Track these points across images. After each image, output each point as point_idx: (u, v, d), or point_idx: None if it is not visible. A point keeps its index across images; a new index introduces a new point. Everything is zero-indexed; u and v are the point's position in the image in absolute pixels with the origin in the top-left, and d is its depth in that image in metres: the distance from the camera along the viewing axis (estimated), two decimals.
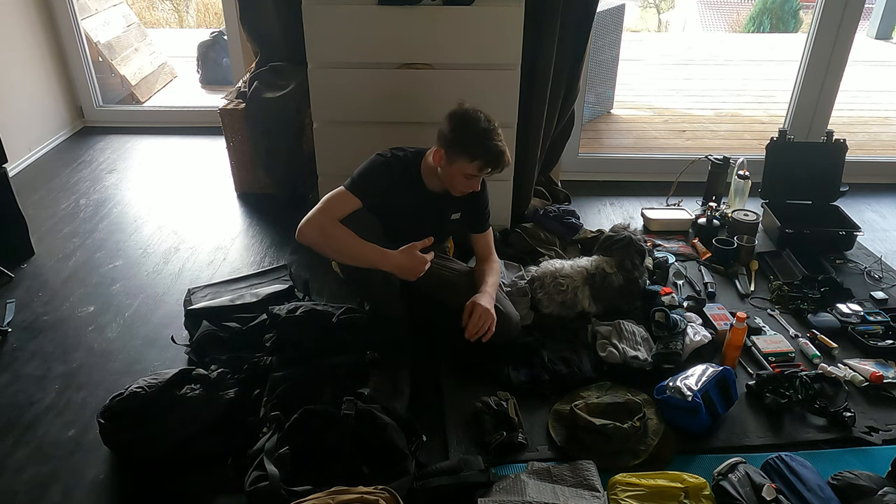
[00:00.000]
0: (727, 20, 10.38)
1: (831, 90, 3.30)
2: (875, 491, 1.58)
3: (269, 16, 2.99)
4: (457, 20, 2.41)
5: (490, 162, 1.92)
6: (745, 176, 2.99)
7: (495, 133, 1.92)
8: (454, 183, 1.98)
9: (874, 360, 2.11)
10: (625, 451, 1.74)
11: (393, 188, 1.99)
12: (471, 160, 1.91)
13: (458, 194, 2.03)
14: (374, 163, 2.00)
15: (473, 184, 1.98)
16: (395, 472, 1.57)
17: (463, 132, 1.91)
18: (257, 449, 1.59)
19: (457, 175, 1.95)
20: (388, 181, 1.98)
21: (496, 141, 1.91)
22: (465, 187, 1.99)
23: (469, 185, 1.98)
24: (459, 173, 1.94)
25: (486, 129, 1.92)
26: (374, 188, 1.96)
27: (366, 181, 1.96)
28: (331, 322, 1.97)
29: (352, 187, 1.95)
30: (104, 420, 1.73)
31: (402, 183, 2.01)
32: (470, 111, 1.95)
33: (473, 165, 1.91)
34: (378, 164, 1.99)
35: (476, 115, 1.94)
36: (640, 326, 2.19)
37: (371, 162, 2.01)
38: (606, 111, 4.61)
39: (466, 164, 1.92)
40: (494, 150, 1.90)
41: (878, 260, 2.71)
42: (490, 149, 1.90)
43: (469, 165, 1.91)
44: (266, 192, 3.20)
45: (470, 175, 1.94)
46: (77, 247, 2.76)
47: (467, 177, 1.95)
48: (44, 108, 3.72)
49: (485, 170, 1.93)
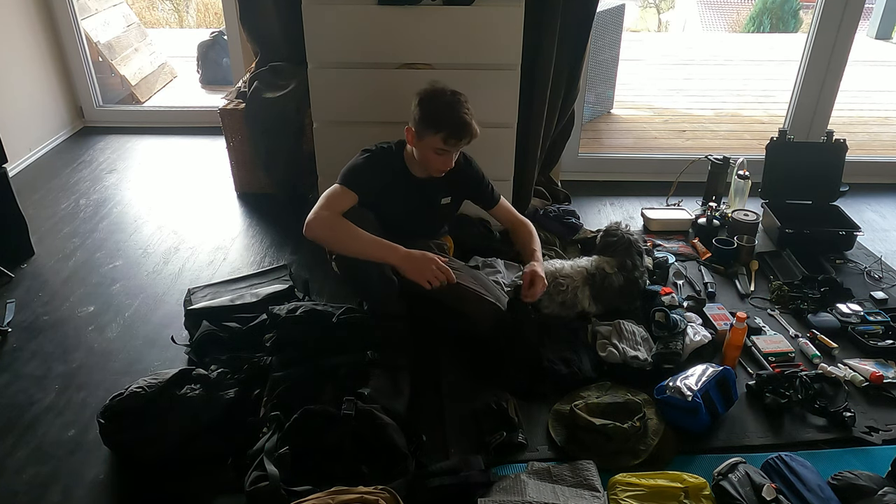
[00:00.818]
0: (727, 20, 10.38)
1: (831, 90, 3.30)
2: (875, 491, 1.58)
3: (269, 16, 2.99)
4: (457, 20, 2.41)
5: (454, 132, 1.93)
6: (745, 176, 2.99)
7: (460, 104, 1.95)
8: (428, 161, 2.01)
9: (874, 360, 2.11)
10: (625, 451, 1.74)
11: (381, 179, 2.04)
12: (436, 132, 1.94)
13: (437, 174, 2.05)
14: (360, 157, 2.06)
15: (447, 159, 2.00)
16: (395, 472, 1.57)
17: (428, 106, 1.95)
18: (257, 449, 1.59)
19: (428, 151, 1.98)
20: (375, 172, 2.03)
21: (461, 112, 1.94)
22: (440, 164, 2.01)
23: (443, 161, 2.00)
24: (430, 149, 1.97)
25: (450, 102, 1.95)
26: (365, 180, 2.01)
27: (356, 174, 2.01)
28: (331, 322, 1.97)
29: (344, 182, 2.00)
30: (104, 420, 1.73)
31: (388, 173, 2.06)
32: (436, 87, 1.99)
33: (439, 138, 1.94)
34: (364, 158, 2.05)
35: (441, 90, 1.97)
36: (640, 326, 2.19)
37: (357, 156, 2.07)
38: (606, 111, 4.61)
39: (433, 138, 1.95)
40: (458, 120, 1.93)
41: (878, 260, 2.71)
42: (453, 119, 1.93)
43: (435, 138, 1.94)
44: (266, 192, 3.20)
45: (440, 150, 1.96)
46: (77, 247, 2.76)
47: (437, 152, 1.97)
48: (44, 108, 3.72)
49: (451, 141, 1.94)
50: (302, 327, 1.95)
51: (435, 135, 1.94)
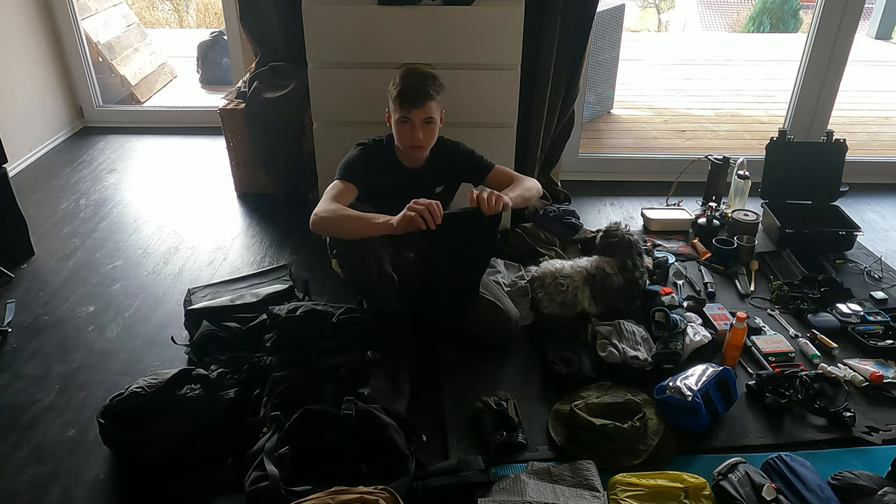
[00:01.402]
0: (727, 20, 10.38)
1: (831, 90, 3.30)
2: (875, 491, 1.58)
3: (269, 16, 2.99)
4: (457, 20, 2.42)
5: (405, 95, 1.96)
6: (745, 176, 2.99)
7: (420, 74, 2.00)
8: (398, 134, 2.04)
9: (874, 360, 2.11)
10: (625, 451, 1.74)
11: (375, 171, 2.08)
12: (394, 98, 1.98)
13: (407, 150, 2.06)
14: (354, 150, 2.11)
15: (411, 131, 2.00)
16: (395, 472, 1.57)
17: (395, 79, 2.01)
18: (257, 449, 1.59)
19: (395, 124, 2.02)
20: (369, 163, 2.07)
21: (416, 79, 1.98)
22: (407, 137, 2.02)
23: (408, 132, 2.01)
24: (395, 122, 2.01)
25: (412, 72, 2.01)
26: (361, 171, 2.04)
27: (352, 167, 2.05)
28: (331, 322, 1.97)
29: (342, 176, 2.03)
30: (104, 420, 1.73)
31: (381, 163, 2.10)
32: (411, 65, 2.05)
33: (396, 104, 1.98)
34: (358, 150, 2.10)
35: (412, 66, 2.03)
36: (640, 326, 2.19)
37: (352, 150, 2.11)
38: (606, 111, 4.61)
39: (393, 105, 2.00)
40: (410, 83, 1.97)
41: (878, 260, 2.71)
42: (406, 83, 1.97)
43: (394, 105, 1.99)
44: (266, 192, 3.20)
45: (402, 118, 1.99)
46: (77, 247, 2.76)
47: (400, 121, 2.00)
48: (44, 108, 3.72)
49: (405, 106, 1.96)
50: (302, 327, 1.95)
51: (394, 103, 1.99)
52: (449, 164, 2.19)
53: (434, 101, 1.99)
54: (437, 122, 2.04)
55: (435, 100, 2.00)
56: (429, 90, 1.97)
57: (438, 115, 2.04)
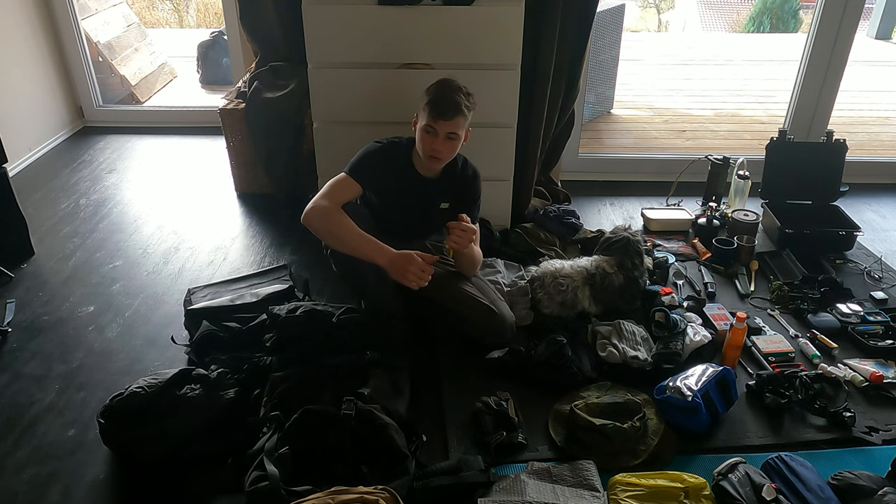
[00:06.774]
0: (727, 20, 10.39)
1: (831, 90, 3.30)
2: (875, 491, 1.58)
3: (269, 16, 2.99)
4: (457, 20, 2.41)
5: (437, 106, 1.95)
6: (745, 176, 2.99)
7: (455, 88, 1.99)
8: (420, 140, 2.03)
9: (874, 360, 2.11)
10: (625, 451, 1.74)
11: (387, 171, 2.06)
12: (425, 107, 1.98)
13: (425, 158, 2.04)
14: (370, 147, 2.08)
15: (434, 142, 1.99)
16: (395, 472, 1.57)
17: (429, 88, 2.00)
18: (257, 449, 1.59)
19: (420, 131, 2.01)
20: (382, 164, 2.05)
21: (451, 92, 1.97)
22: (428, 147, 2.00)
23: (430, 142, 1.99)
24: (421, 128, 2.00)
25: (447, 84, 2.00)
26: (371, 172, 2.03)
27: (363, 165, 2.03)
28: (331, 322, 1.97)
29: (351, 172, 2.02)
30: (104, 420, 1.73)
31: (394, 166, 2.08)
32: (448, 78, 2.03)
33: (426, 112, 1.97)
34: (375, 149, 2.08)
35: (449, 79, 2.02)
36: (640, 326, 2.19)
37: (368, 147, 2.09)
38: (606, 111, 4.61)
39: (423, 114, 1.99)
40: (444, 97, 1.96)
41: (878, 260, 2.71)
42: (440, 95, 1.96)
43: (424, 114, 1.98)
44: (266, 192, 3.20)
45: (428, 128, 1.98)
46: (77, 247, 2.76)
47: (426, 130, 1.98)
48: (44, 108, 3.72)
49: (434, 115, 1.95)
50: (302, 327, 1.95)
51: (424, 110, 1.98)
52: (458, 188, 2.17)
53: (464, 117, 1.98)
54: (460, 138, 2.02)
55: (465, 116, 1.99)
56: (461, 106, 1.96)
57: (463, 133, 2.03)
